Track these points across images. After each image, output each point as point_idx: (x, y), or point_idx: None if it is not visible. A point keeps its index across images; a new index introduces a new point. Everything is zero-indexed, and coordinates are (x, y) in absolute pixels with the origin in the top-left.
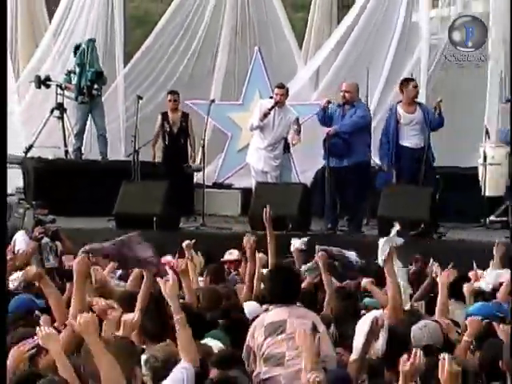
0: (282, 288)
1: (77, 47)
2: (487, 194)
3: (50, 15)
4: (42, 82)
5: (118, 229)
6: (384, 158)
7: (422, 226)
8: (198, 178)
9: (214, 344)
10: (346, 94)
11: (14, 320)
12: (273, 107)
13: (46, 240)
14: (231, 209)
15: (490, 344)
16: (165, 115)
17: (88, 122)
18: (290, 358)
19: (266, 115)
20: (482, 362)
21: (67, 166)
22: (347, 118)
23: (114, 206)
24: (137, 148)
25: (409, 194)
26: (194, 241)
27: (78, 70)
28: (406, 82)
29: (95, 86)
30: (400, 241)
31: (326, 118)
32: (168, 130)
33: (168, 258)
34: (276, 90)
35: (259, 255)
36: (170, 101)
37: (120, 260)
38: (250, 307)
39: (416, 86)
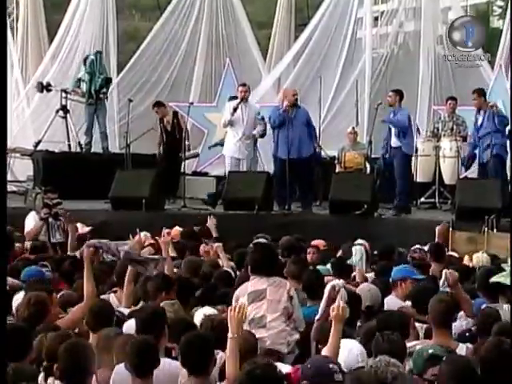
0: (263, 261)
1: (85, 58)
2: (418, 180)
3: (50, 37)
4: (44, 87)
5: (114, 210)
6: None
7: (365, 206)
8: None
9: (209, 311)
10: (298, 97)
11: (30, 285)
12: (239, 102)
13: (52, 220)
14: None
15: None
16: (161, 119)
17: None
18: (270, 319)
19: (235, 109)
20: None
21: (70, 158)
22: (299, 120)
23: (110, 190)
24: (128, 142)
25: (354, 180)
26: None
27: (87, 77)
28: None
29: (103, 91)
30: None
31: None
32: (164, 129)
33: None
34: (240, 88)
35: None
36: (155, 112)
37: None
38: None
39: (389, 96)
